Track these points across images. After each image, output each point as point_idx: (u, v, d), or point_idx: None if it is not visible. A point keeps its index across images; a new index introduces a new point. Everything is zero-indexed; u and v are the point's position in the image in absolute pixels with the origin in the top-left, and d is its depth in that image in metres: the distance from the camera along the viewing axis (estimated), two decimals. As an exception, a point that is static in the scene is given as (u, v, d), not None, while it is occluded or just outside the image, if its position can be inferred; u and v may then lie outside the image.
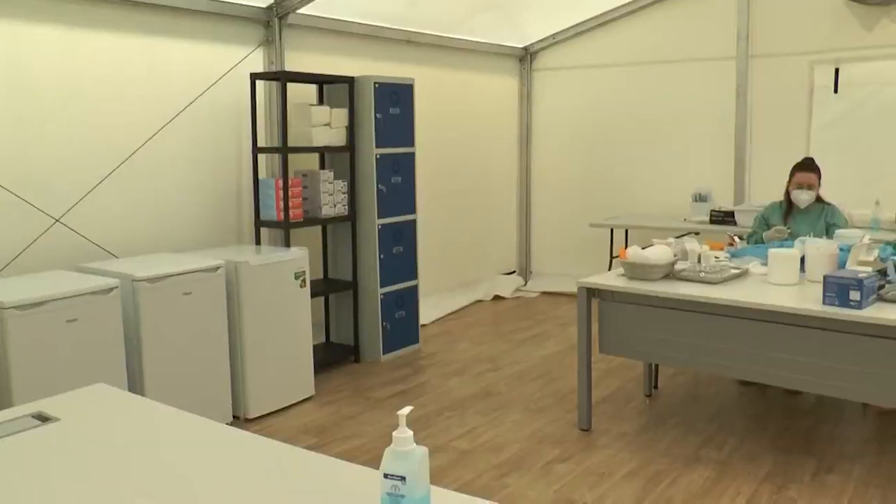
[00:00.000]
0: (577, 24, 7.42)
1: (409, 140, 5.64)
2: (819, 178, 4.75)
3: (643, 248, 4.05)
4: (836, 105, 6.34)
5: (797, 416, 4.38)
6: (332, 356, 5.42)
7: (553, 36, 7.61)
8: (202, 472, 1.70)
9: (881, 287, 3.53)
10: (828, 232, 4.54)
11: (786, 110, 6.52)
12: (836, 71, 6.28)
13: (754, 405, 4.57)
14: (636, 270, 3.98)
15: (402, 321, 5.67)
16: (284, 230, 4.96)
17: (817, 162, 4.82)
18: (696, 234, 6.13)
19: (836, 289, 3.37)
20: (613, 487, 3.52)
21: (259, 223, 5.10)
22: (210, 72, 4.94)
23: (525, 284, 7.97)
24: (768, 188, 4.93)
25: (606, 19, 7.27)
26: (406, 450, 1.36)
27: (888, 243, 4.47)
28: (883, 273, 3.72)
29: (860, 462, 3.77)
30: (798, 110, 6.47)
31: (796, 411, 4.46)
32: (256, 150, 5.07)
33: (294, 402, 4.63)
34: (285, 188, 4.92)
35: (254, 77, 5.01)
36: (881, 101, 6.14)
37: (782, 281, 3.86)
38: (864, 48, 6.14)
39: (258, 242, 5.13)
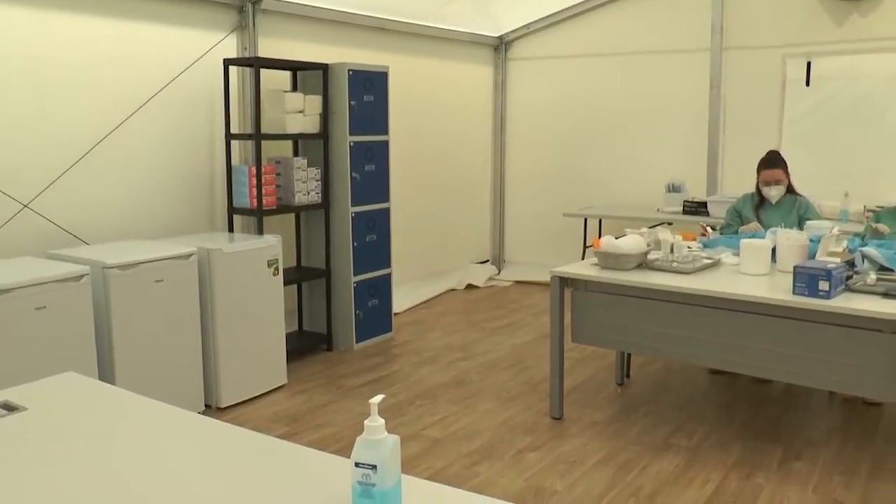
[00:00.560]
0: (551, 14, 7.42)
1: (383, 128, 5.62)
2: (785, 170, 4.79)
3: (616, 238, 4.07)
4: (807, 98, 6.40)
5: (766, 405, 4.43)
6: (305, 344, 5.40)
7: (527, 26, 7.61)
8: (172, 461, 1.69)
9: (849, 277, 3.59)
10: (800, 224, 4.59)
11: (759, 103, 6.58)
12: (808, 64, 6.34)
13: (724, 394, 4.62)
14: (609, 260, 4.00)
15: (374, 309, 5.66)
16: (257, 217, 4.93)
17: (788, 153, 4.87)
18: (670, 224, 6.19)
19: (806, 279, 3.42)
20: (584, 475, 3.55)
21: (232, 210, 5.06)
22: (182, 57, 4.89)
23: (498, 273, 7.99)
24: (741, 179, 4.98)
25: (581, 10, 7.28)
26: (377, 438, 1.36)
27: (856, 234, 4.54)
28: (851, 264, 3.78)
29: (826, 449, 3.83)
30: (771, 103, 6.53)
31: (765, 400, 4.52)
32: (229, 136, 5.02)
33: (266, 390, 4.62)
34: (258, 175, 4.88)
35: (227, 63, 4.96)
36: (851, 95, 6.21)
37: (754, 271, 3.90)
38: (835, 42, 6.20)
39: (231, 230, 5.09)
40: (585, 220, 6.86)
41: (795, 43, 6.36)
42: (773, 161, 4.81)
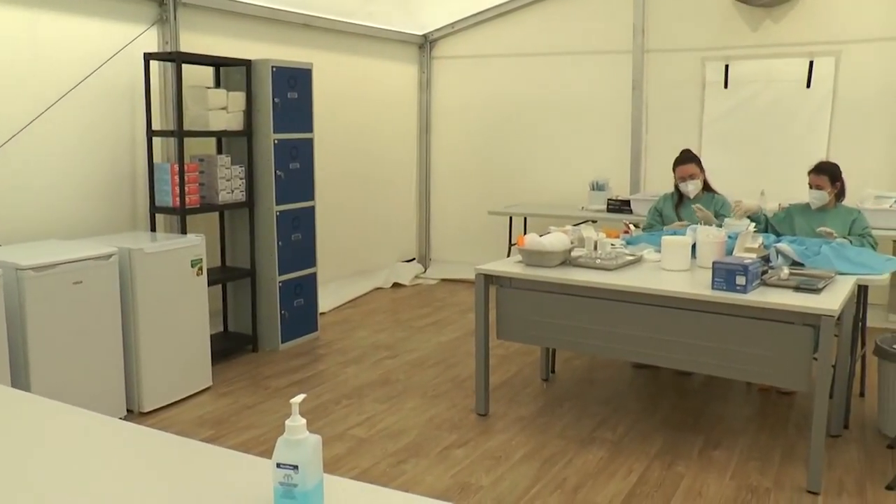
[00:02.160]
0: (476, 14, 7.47)
1: (308, 125, 5.56)
2: (699, 166, 4.93)
3: (541, 236, 4.12)
4: (726, 100, 6.59)
5: (687, 396, 4.56)
6: (230, 346, 5.32)
7: (452, 24, 7.64)
8: (90, 468, 1.64)
9: (764, 272, 3.72)
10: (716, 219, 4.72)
11: (679, 104, 6.75)
12: (726, 67, 6.53)
13: (647, 387, 4.73)
14: (533, 257, 4.05)
15: (300, 309, 5.61)
16: (180, 216, 4.83)
17: (708, 153, 5.02)
18: (594, 222, 6.29)
19: (724, 274, 3.52)
20: (510, 470, 3.59)
21: (154, 209, 4.94)
22: (101, 50, 4.75)
23: (424, 272, 8.00)
24: (663, 178, 5.10)
25: (506, 10, 7.34)
26: (298, 438, 1.35)
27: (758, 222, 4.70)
28: (766, 259, 3.92)
29: (743, 437, 3.97)
30: (691, 104, 6.70)
31: (687, 391, 4.64)
32: (151, 133, 4.90)
33: (191, 393, 4.53)
34: (181, 173, 4.79)
35: (147, 57, 4.84)
36: (768, 98, 6.43)
37: (675, 267, 4.00)
38: (751, 47, 6.42)
39: (153, 229, 4.97)
40: (511, 217, 6.93)
41: (714, 46, 6.55)
42: (686, 158, 4.95)
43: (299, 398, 1.40)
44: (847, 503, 3.29)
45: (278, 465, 1.34)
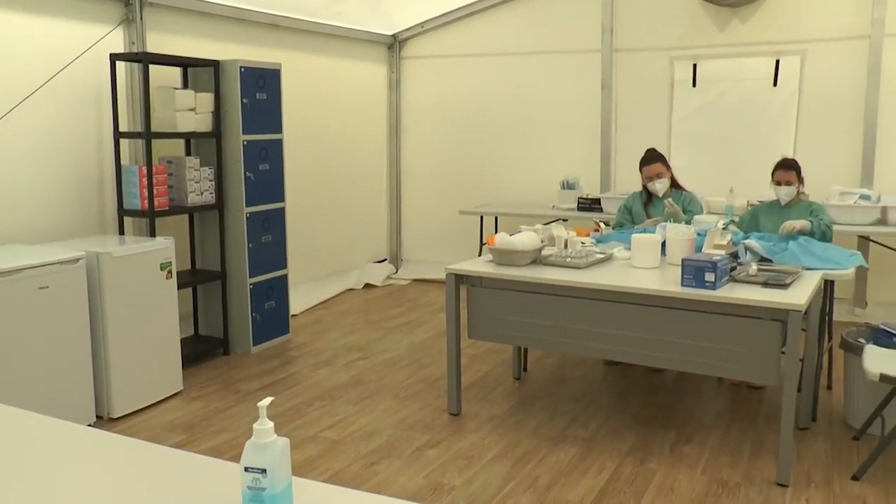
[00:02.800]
0: (445, 14, 7.47)
1: (277, 126, 5.53)
2: (665, 164, 4.97)
3: (511, 235, 4.13)
4: (694, 99, 6.65)
5: (659, 393, 4.59)
6: (201, 349, 5.27)
7: (422, 24, 7.63)
8: (57, 478, 1.61)
9: (733, 269, 3.76)
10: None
11: (648, 103, 6.80)
12: (695, 66, 6.59)
13: (619, 384, 4.76)
14: (504, 256, 4.06)
15: (271, 311, 5.58)
16: (149, 219, 4.78)
17: (677, 151, 5.06)
18: (565, 220, 6.32)
19: (694, 271, 3.55)
20: (482, 469, 3.59)
21: (122, 212, 4.89)
22: (66, 51, 4.69)
23: (396, 272, 8.00)
24: (633, 176, 5.13)
25: (475, 9, 7.35)
26: (266, 442, 1.35)
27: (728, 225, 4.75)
28: (735, 256, 3.97)
29: (714, 432, 4.00)
30: (660, 103, 6.76)
31: (658, 388, 4.67)
32: (118, 135, 4.84)
33: (161, 398, 4.48)
34: (149, 175, 4.74)
35: (113, 57, 4.78)
36: (735, 96, 6.50)
37: (645, 264, 4.03)
38: (718, 46, 6.48)
39: (122, 232, 4.92)
40: (482, 217, 6.94)
41: (682, 46, 6.61)
42: (651, 158, 4.99)
43: (267, 401, 1.39)
44: (815, 495, 3.33)
45: (246, 469, 1.34)
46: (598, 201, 6.44)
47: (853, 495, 3.34)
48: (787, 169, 4.60)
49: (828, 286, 4.29)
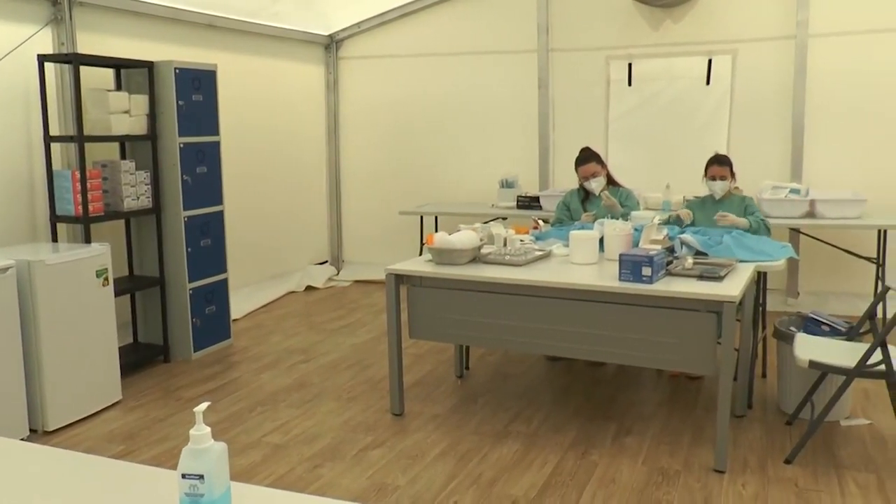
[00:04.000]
0: (382, 14, 7.45)
1: (214, 128, 5.46)
2: (600, 162, 5.05)
3: (450, 234, 4.15)
4: (630, 97, 6.77)
5: (600, 386, 4.66)
6: (140, 357, 5.17)
7: (358, 24, 7.60)
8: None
9: (669, 263, 3.84)
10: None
11: (585, 101, 6.89)
12: (630, 66, 6.70)
13: (561, 379, 4.82)
14: (443, 256, 4.08)
15: (212, 316, 5.51)
16: (84, 225, 4.68)
17: (613, 149, 5.14)
18: (504, 219, 6.38)
19: (631, 266, 3.62)
20: (426, 468, 3.61)
21: (55, 218, 4.77)
22: (-11, 53, 4.56)
23: (337, 274, 7.96)
24: (571, 174, 5.20)
25: (412, 9, 7.35)
26: (203, 447, 1.34)
27: (666, 222, 4.85)
28: (671, 250, 4.05)
29: (654, 422, 4.09)
30: (596, 102, 6.86)
31: (599, 381, 4.75)
32: (49, 139, 4.72)
33: (99, 408, 4.38)
34: (83, 180, 4.64)
35: (41, 59, 4.66)
36: (670, 94, 6.64)
37: (583, 260, 4.09)
38: (652, 45, 6.61)
39: (55, 239, 4.80)
40: (422, 217, 6.95)
41: (617, 45, 6.72)
42: (586, 157, 5.06)
43: (202, 406, 1.38)
44: (750, 479, 3.43)
45: (184, 476, 1.33)
46: (537, 199, 6.51)
47: (785, 478, 3.45)
48: (721, 164, 4.73)
49: (761, 277, 4.41)
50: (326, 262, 8.04)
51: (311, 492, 3.28)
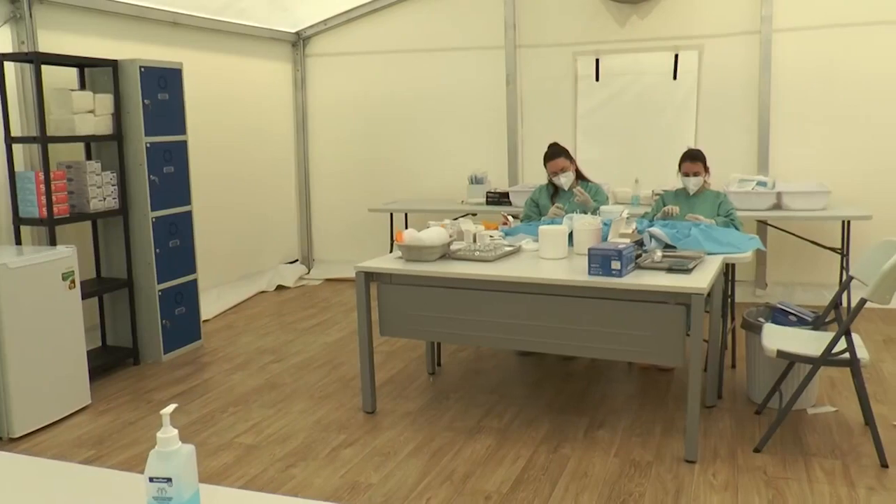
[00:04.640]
0: (348, 11, 7.42)
1: (181, 127, 5.40)
2: (569, 158, 5.08)
3: (420, 231, 4.15)
4: (598, 92, 6.81)
5: (572, 380, 4.69)
6: (109, 360, 5.10)
7: (325, 21, 7.56)
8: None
9: (639, 256, 3.87)
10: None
11: (553, 97, 6.92)
12: (597, 61, 6.74)
13: (532, 374, 4.84)
14: (412, 252, 4.07)
15: (182, 318, 5.45)
16: (49, 227, 4.61)
17: (582, 144, 5.17)
18: (474, 215, 6.39)
19: (600, 260, 3.64)
20: (399, 465, 3.61)
21: (18, 221, 4.69)
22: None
23: (308, 273, 7.93)
24: (540, 169, 5.22)
25: (379, 6, 7.33)
26: (170, 450, 1.33)
27: (645, 216, 4.91)
28: (640, 244, 4.08)
29: (626, 415, 4.12)
30: (564, 97, 6.89)
31: (571, 375, 4.77)
32: (10, 140, 4.65)
33: (68, 413, 4.31)
34: (47, 182, 4.57)
35: (0, 58, 4.58)
36: (637, 89, 6.69)
37: (552, 255, 4.10)
38: (620, 41, 6.65)
39: (19, 242, 4.72)
40: (391, 214, 6.94)
41: (584, 41, 6.75)
42: (554, 153, 5.08)
43: (170, 409, 1.37)
44: (721, 468, 3.47)
45: (151, 480, 1.31)
46: (506, 195, 6.53)
47: (755, 466, 3.49)
48: (694, 160, 4.78)
49: (729, 269, 4.47)
50: (297, 260, 8.00)
51: (283, 492, 3.27)
